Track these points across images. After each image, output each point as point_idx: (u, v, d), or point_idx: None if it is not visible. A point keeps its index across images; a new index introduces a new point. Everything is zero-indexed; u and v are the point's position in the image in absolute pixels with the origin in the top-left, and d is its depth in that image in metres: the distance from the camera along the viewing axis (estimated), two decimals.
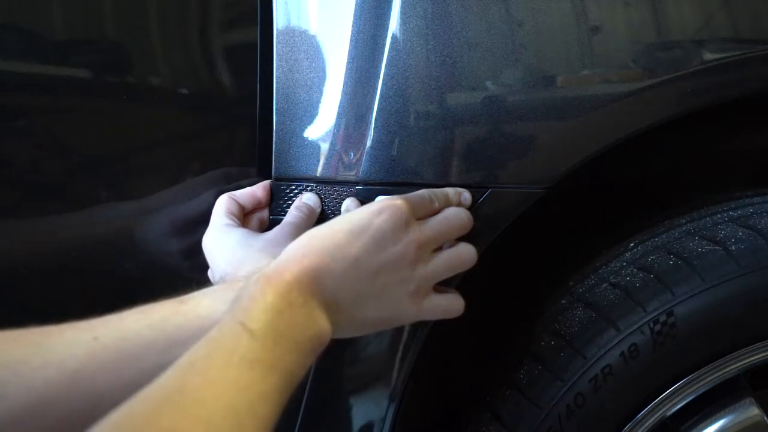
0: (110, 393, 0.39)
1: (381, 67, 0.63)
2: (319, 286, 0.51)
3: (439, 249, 0.59)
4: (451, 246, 0.60)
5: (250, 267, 0.57)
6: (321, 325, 0.50)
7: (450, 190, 0.63)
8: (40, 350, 0.48)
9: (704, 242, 0.69)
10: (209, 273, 0.65)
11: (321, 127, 0.66)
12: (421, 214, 0.59)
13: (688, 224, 0.74)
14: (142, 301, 0.53)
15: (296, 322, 0.47)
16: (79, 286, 0.71)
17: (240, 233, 0.62)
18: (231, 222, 0.64)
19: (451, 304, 0.59)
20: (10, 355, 0.47)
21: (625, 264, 0.73)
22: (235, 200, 0.66)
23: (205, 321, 0.51)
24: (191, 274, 0.70)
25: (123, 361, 0.49)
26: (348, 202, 0.65)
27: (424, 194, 0.61)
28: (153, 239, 0.69)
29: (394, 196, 0.58)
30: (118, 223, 0.69)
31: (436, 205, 0.61)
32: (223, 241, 0.62)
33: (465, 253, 0.60)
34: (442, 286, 0.60)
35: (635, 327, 0.67)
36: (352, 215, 0.55)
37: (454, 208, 0.61)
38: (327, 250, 0.52)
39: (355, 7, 0.64)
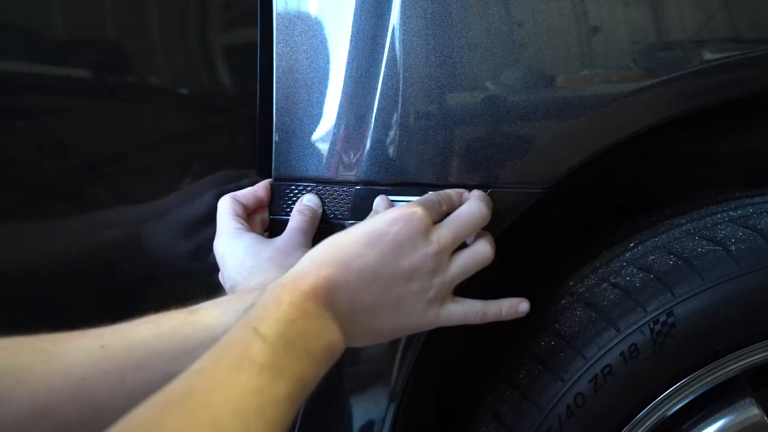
0: (114, 401, 0.39)
1: (381, 67, 0.64)
2: (335, 297, 0.51)
3: (456, 250, 0.58)
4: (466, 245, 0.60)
5: (259, 277, 0.57)
6: (334, 336, 0.50)
7: (451, 192, 0.63)
8: (47, 357, 0.48)
9: (704, 242, 0.69)
10: (219, 276, 0.65)
11: (321, 127, 0.66)
12: (436, 218, 0.58)
13: (688, 224, 0.74)
14: (143, 302, 0.53)
15: (309, 332, 0.47)
16: (79, 286, 0.71)
17: (249, 240, 0.62)
18: (240, 225, 0.64)
19: (469, 310, 0.59)
20: (15, 361, 0.47)
21: (625, 264, 0.72)
22: (239, 201, 0.66)
23: (213, 332, 0.50)
24: (191, 274, 0.70)
25: (129, 370, 0.49)
26: (379, 200, 0.64)
27: (433, 198, 0.60)
28: (152, 239, 0.69)
29: (411, 203, 0.57)
30: (118, 223, 0.69)
31: (444, 207, 0.60)
32: (233, 247, 0.62)
33: (480, 253, 0.59)
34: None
35: (635, 327, 0.67)
36: (369, 225, 0.55)
37: (466, 206, 0.60)
38: (344, 260, 0.52)
39: (355, 8, 0.64)
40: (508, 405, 0.71)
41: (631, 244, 0.75)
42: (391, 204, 0.64)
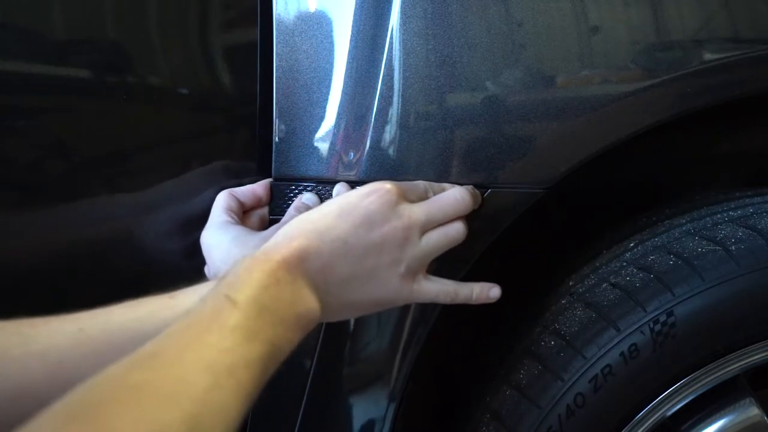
0: None
1: (381, 67, 0.64)
2: (308, 266, 0.51)
3: (430, 229, 0.59)
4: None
5: None
6: (308, 304, 0.50)
7: (447, 186, 0.63)
8: (23, 339, 0.47)
9: (704, 242, 0.69)
10: (206, 269, 0.65)
11: (321, 127, 0.66)
12: (414, 199, 0.59)
13: (688, 224, 0.74)
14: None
15: (282, 299, 0.47)
16: (79, 285, 0.71)
17: (237, 231, 0.62)
18: (229, 219, 0.64)
19: (441, 289, 0.59)
20: None
21: (625, 264, 0.72)
22: (234, 197, 0.66)
23: None
24: (191, 272, 0.70)
25: (107, 354, 0.48)
26: (339, 187, 0.66)
27: (419, 184, 0.62)
28: (152, 240, 0.69)
29: (385, 181, 0.58)
30: (118, 223, 0.69)
31: (431, 195, 0.61)
32: (219, 238, 0.62)
33: (452, 231, 0.59)
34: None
35: (635, 327, 0.67)
36: (342, 199, 0.56)
37: (447, 191, 0.61)
38: (316, 232, 0.53)
39: (355, 8, 0.64)
40: (508, 405, 0.71)
41: (631, 244, 0.75)
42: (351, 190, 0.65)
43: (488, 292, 0.61)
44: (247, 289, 0.45)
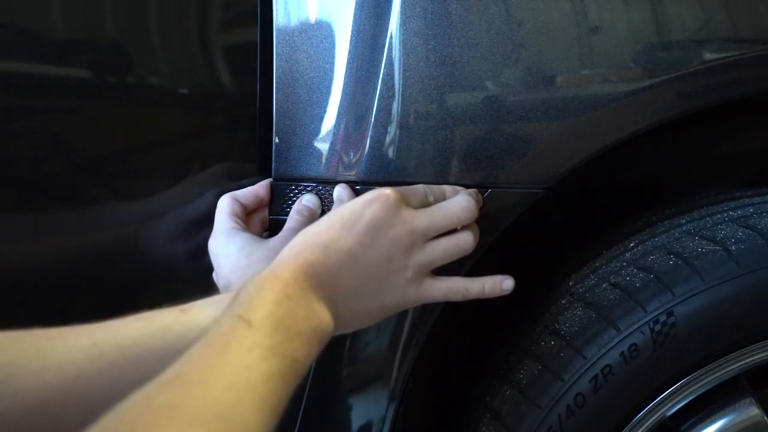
0: (107, 399, 0.39)
1: (381, 67, 0.64)
2: (317, 281, 0.51)
3: (438, 237, 0.59)
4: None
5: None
6: (321, 317, 0.50)
7: (447, 187, 0.63)
8: (40, 354, 0.47)
9: (704, 242, 0.69)
10: (214, 275, 0.65)
11: (321, 127, 0.66)
12: (415, 203, 0.59)
13: (688, 224, 0.74)
14: (143, 302, 0.53)
15: (295, 314, 0.47)
16: (80, 287, 0.71)
17: (244, 239, 0.62)
18: (235, 225, 0.64)
19: (451, 287, 0.59)
20: (8, 357, 0.47)
21: (625, 264, 0.72)
22: (237, 201, 0.66)
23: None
24: (191, 274, 0.70)
25: (121, 369, 0.48)
26: (339, 188, 0.65)
27: (419, 188, 0.61)
28: (153, 240, 0.69)
29: (385, 187, 0.57)
30: (117, 223, 0.69)
31: (431, 199, 0.61)
32: (227, 246, 0.62)
33: (462, 241, 0.59)
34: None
35: (635, 327, 0.67)
36: (344, 209, 0.56)
37: (456, 199, 0.60)
38: (321, 246, 0.53)
39: (355, 7, 0.64)
40: (508, 405, 0.71)
41: (631, 244, 0.75)
42: (352, 191, 0.65)
43: (501, 284, 0.61)
44: (260, 308, 0.46)
